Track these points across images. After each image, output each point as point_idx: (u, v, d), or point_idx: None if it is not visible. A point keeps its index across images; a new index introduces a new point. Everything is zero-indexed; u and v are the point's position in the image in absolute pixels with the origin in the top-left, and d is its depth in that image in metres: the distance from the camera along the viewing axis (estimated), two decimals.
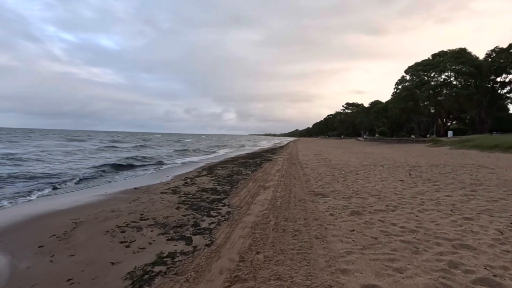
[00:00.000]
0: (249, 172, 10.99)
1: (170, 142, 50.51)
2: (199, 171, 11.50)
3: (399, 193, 6.29)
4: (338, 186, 7.35)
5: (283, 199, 6.03)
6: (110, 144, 35.70)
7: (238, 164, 14.07)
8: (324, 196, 6.23)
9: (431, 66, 40.03)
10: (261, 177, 9.52)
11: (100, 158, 17.27)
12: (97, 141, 43.92)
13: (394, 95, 47.14)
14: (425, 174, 9.05)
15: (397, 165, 12.04)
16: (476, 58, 37.13)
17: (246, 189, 7.41)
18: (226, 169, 11.95)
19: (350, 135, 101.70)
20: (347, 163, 13.05)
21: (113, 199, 6.50)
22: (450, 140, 28.23)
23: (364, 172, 9.95)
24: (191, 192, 7.03)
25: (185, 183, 8.50)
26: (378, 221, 4.29)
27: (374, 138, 60.60)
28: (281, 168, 12.10)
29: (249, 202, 5.92)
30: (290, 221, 4.49)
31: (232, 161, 15.87)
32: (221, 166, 12.90)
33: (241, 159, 16.92)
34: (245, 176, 9.90)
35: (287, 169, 11.62)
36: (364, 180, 8.12)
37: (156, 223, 4.54)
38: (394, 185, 7.28)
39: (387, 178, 8.41)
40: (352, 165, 12.18)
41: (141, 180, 9.57)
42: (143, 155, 20.18)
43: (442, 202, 5.33)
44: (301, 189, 7.10)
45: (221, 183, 8.45)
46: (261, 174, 10.16)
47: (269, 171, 10.98)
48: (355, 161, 13.95)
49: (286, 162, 14.60)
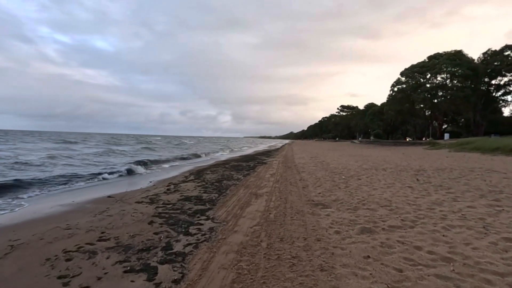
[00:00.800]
0: (240, 176, 10.06)
1: (171, 145, 48.96)
2: (186, 175, 10.51)
3: (412, 202, 5.43)
4: (341, 194, 6.47)
5: (278, 211, 5.12)
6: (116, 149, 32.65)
7: (230, 167, 13.12)
8: (326, 207, 5.33)
9: (427, 68, 39.74)
10: (253, 182, 8.60)
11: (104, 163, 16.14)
12: (94, 143, 42.35)
13: (390, 97, 46.78)
14: (434, 180, 8.23)
15: (400, 169, 11.24)
16: (472, 60, 36.96)
17: (236, 197, 6.48)
18: (216, 173, 11.00)
19: (345, 137, 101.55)
20: (346, 167, 12.21)
21: (78, 210, 5.51)
22: (448, 143, 27.75)
23: (366, 177, 9.11)
24: (171, 202, 6.06)
25: (167, 190, 7.53)
26: (397, 243, 3.41)
27: (370, 141, 60.23)
28: (275, 172, 11.20)
29: (237, 214, 4.99)
30: (286, 242, 3.58)
31: (224, 164, 14.91)
32: (211, 170, 11.94)
33: (234, 162, 15.97)
34: (236, 181, 8.97)
35: (283, 173, 10.73)
36: (369, 187, 7.25)
37: (118, 245, 3.59)
38: (403, 192, 6.43)
39: (393, 184, 7.56)
40: (352, 169, 11.35)
41: (121, 186, 8.55)
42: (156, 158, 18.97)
43: (468, 215, 4.48)
44: (299, 198, 6.20)
45: (208, 189, 7.50)
46: (254, 179, 9.24)
47: (262, 176, 10.07)
48: (355, 165, 13.13)
49: (282, 166, 13.71)
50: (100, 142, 46.64)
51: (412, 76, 41.76)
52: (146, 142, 52.16)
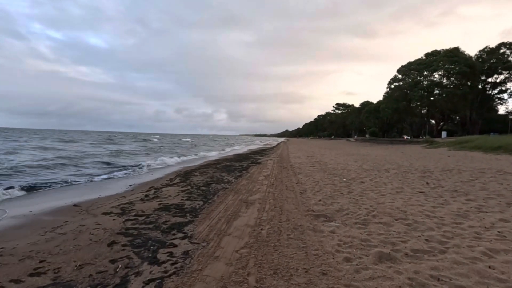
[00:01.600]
0: (231, 179, 9.14)
1: (171, 143, 47.65)
2: (171, 177, 9.55)
3: (431, 214, 4.57)
4: (344, 201, 5.60)
5: (272, 225, 4.22)
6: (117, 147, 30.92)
7: (221, 168, 12.19)
8: (329, 220, 4.45)
9: (424, 65, 39.20)
10: (245, 186, 7.69)
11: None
12: (90, 141, 40.78)
13: (386, 95, 46.23)
14: (445, 183, 7.42)
15: (404, 169, 10.44)
16: (469, 57, 36.50)
17: (223, 206, 5.56)
18: (205, 174, 10.06)
19: (340, 135, 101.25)
20: (345, 167, 11.38)
21: (29, 224, 4.53)
22: (447, 141, 27.20)
23: (370, 179, 8.26)
24: (145, 212, 5.12)
25: (145, 196, 6.57)
26: (431, 280, 2.53)
27: (365, 139, 59.77)
28: (270, 173, 10.31)
29: (221, 231, 4.08)
30: (281, 277, 2.68)
31: (215, 164, 13.95)
32: (200, 171, 10.98)
33: (226, 162, 15.03)
34: (226, 184, 8.05)
35: (277, 174, 9.84)
36: (375, 192, 6.40)
37: (53, 284, 2.65)
38: (416, 200, 5.58)
39: (402, 189, 6.72)
40: (353, 170, 10.51)
41: (96, 190, 7.55)
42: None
43: (507, 233, 3.63)
44: (296, 206, 5.31)
45: (193, 195, 6.57)
46: (246, 182, 8.33)
47: (256, 178, 9.17)
48: (354, 165, 12.31)
49: (276, 166, 12.82)
50: (96, 140, 45.13)
51: (409, 74, 41.20)
52: (144, 141, 50.75)
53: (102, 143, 36.51)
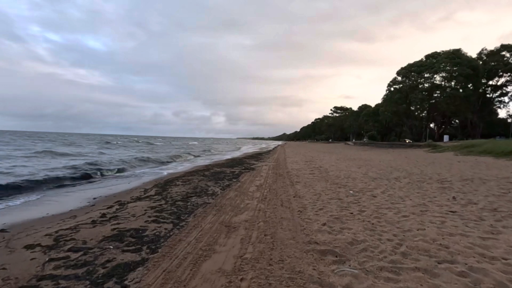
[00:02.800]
0: (218, 189, 7.76)
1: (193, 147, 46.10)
2: (147, 187, 8.13)
3: (486, 251, 3.23)
4: (357, 226, 4.24)
5: (258, 272, 2.85)
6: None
7: (209, 175, 10.80)
8: (341, 260, 3.09)
9: (424, 67, 38.23)
10: (232, 200, 6.32)
11: None
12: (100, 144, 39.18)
13: (385, 98, 45.19)
14: (474, 197, 6.10)
15: (417, 178, 9.13)
16: (472, 59, 35.54)
17: (197, 232, 4.18)
18: (189, 184, 8.67)
19: (338, 139, 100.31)
20: (349, 175, 10.05)
21: None
22: (451, 145, 26.03)
23: (381, 191, 6.93)
24: (88, 244, 3.72)
25: (102, 215, 5.16)
26: None
27: (364, 142, 58.66)
28: (264, 182, 8.95)
29: (181, 283, 2.70)
30: None
31: (204, 170, 12.54)
32: (184, 180, 9.57)
33: (216, 168, 13.64)
34: (210, 197, 6.67)
35: (272, 184, 8.48)
36: (394, 211, 5.05)
37: None
38: (453, 225, 4.24)
39: (425, 207, 5.38)
40: (358, 179, 9.18)
41: (45, 206, 6.12)
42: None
43: None
44: (293, 234, 3.95)
45: (163, 215, 5.18)
46: (234, 195, 6.96)
47: (246, 189, 7.80)
48: (359, 172, 10.98)
49: (272, 173, 11.47)
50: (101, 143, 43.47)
51: (409, 76, 40.20)
52: (149, 144, 49.18)
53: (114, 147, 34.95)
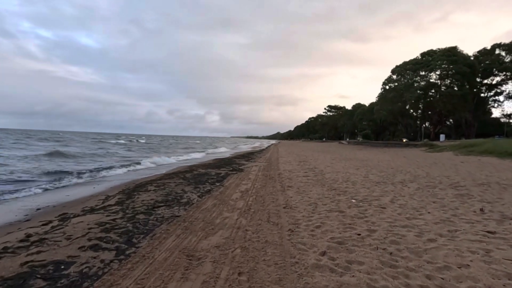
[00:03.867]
0: (195, 197, 6.50)
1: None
2: (112, 194, 6.79)
3: None
4: (371, 260, 3.04)
5: None
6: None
7: (190, 178, 9.51)
8: None
9: (420, 65, 37.50)
10: (207, 212, 5.07)
11: None
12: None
13: (380, 96, 44.43)
14: (506, 209, 4.98)
15: (425, 182, 8.03)
16: (468, 57, 34.90)
17: (142, 269, 2.92)
18: (162, 189, 7.37)
19: (332, 138, 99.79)
20: (348, 178, 8.90)
21: None
22: (449, 145, 25.25)
23: (390, 201, 5.76)
24: None
25: (26, 237, 3.84)
26: None
27: (359, 142, 57.97)
28: (251, 187, 7.72)
29: None
30: None
31: (185, 172, 11.21)
32: (158, 183, 8.24)
33: (201, 169, 12.34)
34: (182, 208, 5.41)
35: (260, 189, 7.26)
36: (416, 233, 3.86)
37: None
38: (504, 256, 3.08)
39: (453, 224, 4.22)
40: (359, 183, 8.03)
41: None
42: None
43: None
44: (280, 275, 2.72)
45: (110, 236, 3.91)
46: (212, 204, 5.71)
47: (229, 195, 6.56)
48: (358, 174, 9.85)
49: (261, 175, 10.25)
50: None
51: (405, 74, 39.44)
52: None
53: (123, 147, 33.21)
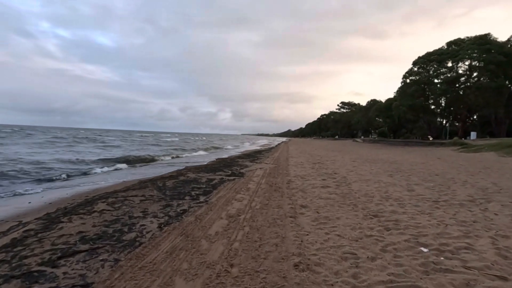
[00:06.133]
0: (154, 226, 4.08)
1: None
2: (38, 216, 4.48)
3: None
4: None
5: None
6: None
7: (170, 187, 7.13)
8: None
9: (446, 56, 33.87)
10: (146, 274, 2.62)
11: None
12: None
13: (400, 90, 40.92)
14: None
15: (509, 202, 5.33)
16: (504, 44, 30.99)
17: None
18: (116, 208, 4.98)
19: (344, 135, 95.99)
20: (386, 192, 6.28)
21: None
22: (485, 144, 21.95)
23: (495, 251, 3.16)
24: None
25: None
26: None
27: (375, 140, 54.49)
28: (246, 205, 5.24)
29: None
30: None
31: (168, 178, 8.83)
32: (116, 198, 5.87)
33: (191, 173, 9.94)
34: (113, 255, 3.00)
35: (259, 212, 4.76)
36: None
37: None
38: None
39: None
40: (407, 201, 5.40)
41: None
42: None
43: None
44: None
45: None
46: (169, 249, 3.27)
47: (207, 225, 4.09)
48: (396, 185, 7.19)
49: (265, 183, 7.76)
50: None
51: (428, 65, 35.84)
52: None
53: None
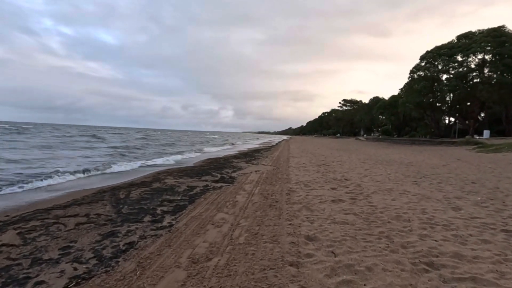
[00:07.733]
0: (78, 271, 2.39)
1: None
2: None
3: None
4: None
5: None
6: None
7: (133, 200, 5.46)
8: None
9: (457, 49, 31.98)
10: None
11: None
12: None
13: (407, 87, 39.05)
14: None
15: None
16: None
17: None
18: (32, 240, 3.33)
19: (347, 134, 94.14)
20: (423, 213, 4.58)
21: None
22: (504, 143, 20.17)
23: None
24: None
25: None
26: None
27: (378, 138, 52.70)
28: (228, 232, 3.55)
29: None
30: None
31: (142, 183, 7.14)
32: (48, 219, 4.20)
33: (171, 178, 8.26)
34: None
35: (244, 246, 3.06)
36: None
37: None
38: None
39: None
40: (460, 228, 3.71)
41: None
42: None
43: None
44: None
45: None
46: None
47: (157, 273, 2.40)
48: (430, 198, 5.48)
49: (259, 193, 6.05)
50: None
51: (438, 60, 33.95)
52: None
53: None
